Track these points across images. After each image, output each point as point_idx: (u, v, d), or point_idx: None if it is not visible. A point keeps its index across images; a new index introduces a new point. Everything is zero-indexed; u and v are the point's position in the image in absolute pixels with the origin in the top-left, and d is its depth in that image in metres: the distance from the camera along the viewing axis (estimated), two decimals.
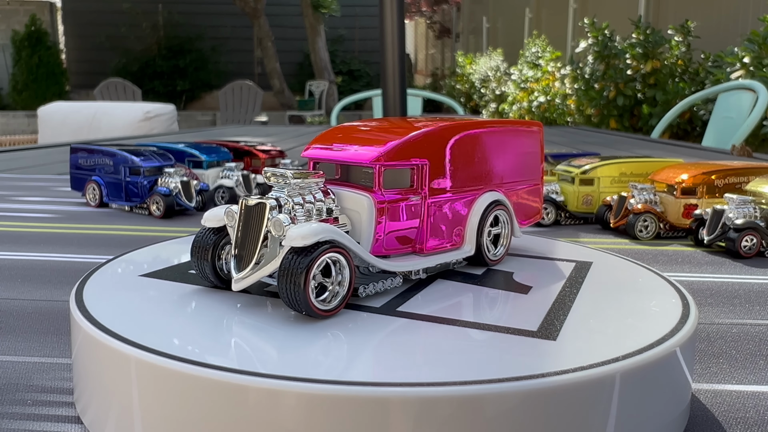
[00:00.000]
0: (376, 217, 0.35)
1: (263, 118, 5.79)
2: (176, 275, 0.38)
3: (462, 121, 0.41)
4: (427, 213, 0.37)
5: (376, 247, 0.35)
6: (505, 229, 0.43)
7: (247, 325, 0.31)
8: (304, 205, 0.33)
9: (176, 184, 0.81)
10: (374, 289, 0.34)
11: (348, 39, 8.94)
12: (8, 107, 7.86)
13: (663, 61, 3.48)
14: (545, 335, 0.29)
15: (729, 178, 0.72)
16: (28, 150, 1.83)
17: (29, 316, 0.45)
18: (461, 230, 0.40)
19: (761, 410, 0.33)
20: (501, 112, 5.78)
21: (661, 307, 0.33)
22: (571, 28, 6.07)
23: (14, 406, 0.32)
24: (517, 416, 0.24)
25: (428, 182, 0.37)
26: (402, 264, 0.36)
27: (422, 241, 0.37)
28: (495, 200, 0.41)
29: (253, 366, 0.25)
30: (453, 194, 0.39)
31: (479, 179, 0.41)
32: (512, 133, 0.44)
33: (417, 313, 0.32)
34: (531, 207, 0.46)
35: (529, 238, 0.50)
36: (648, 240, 0.71)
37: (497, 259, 0.42)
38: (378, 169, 0.35)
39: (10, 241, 0.67)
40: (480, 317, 0.32)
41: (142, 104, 3.23)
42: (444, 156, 0.38)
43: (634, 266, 0.42)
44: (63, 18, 8.84)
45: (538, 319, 0.31)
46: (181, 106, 7.89)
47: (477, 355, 0.27)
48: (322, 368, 0.26)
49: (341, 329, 0.30)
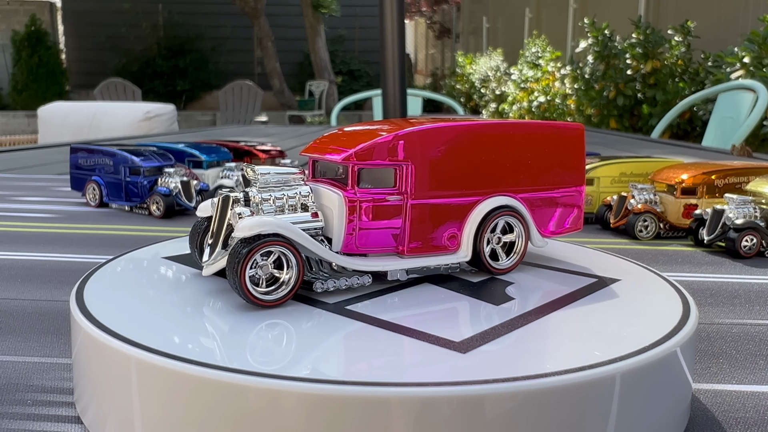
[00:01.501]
0: (346, 214, 0.35)
1: (263, 118, 5.79)
2: (176, 275, 0.38)
3: (472, 123, 0.39)
4: (410, 214, 0.36)
5: (348, 244, 0.36)
6: (520, 238, 0.40)
7: (247, 325, 0.31)
8: (275, 200, 0.35)
9: (176, 184, 0.81)
10: (333, 286, 0.35)
11: (348, 39, 8.94)
12: (8, 107, 7.86)
13: (663, 61, 3.48)
14: (461, 349, 0.28)
15: (729, 178, 0.72)
16: (28, 150, 1.83)
17: (29, 316, 0.45)
18: (457, 234, 0.38)
19: (761, 410, 0.33)
20: (501, 112, 5.78)
21: (662, 307, 0.33)
22: (571, 28, 6.07)
23: (14, 406, 0.32)
24: (517, 417, 0.24)
25: (412, 183, 0.36)
26: (370, 264, 0.36)
27: (404, 243, 0.37)
28: (502, 205, 0.39)
29: (253, 366, 0.25)
30: (445, 197, 0.37)
31: (484, 182, 0.39)
32: (537, 136, 0.41)
33: (361, 314, 0.32)
34: (565, 215, 0.42)
35: (570, 247, 0.47)
36: (648, 240, 0.71)
37: (504, 268, 0.40)
38: (351, 168, 0.35)
39: (10, 241, 0.67)
40: (422, 325, 0.30)
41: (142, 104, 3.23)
42: (434, 157, 0.37)
43: (634, 266, 0.42)
44: (63, 18, 8.84)
45: (467, 334, 0.29)
46: (181, 106, 7.88)
47: (383, 358, 0.27)
48: (324, 369, 0.26)
49: (289, 320, 0.31)
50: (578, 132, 0.43)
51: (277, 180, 0.35)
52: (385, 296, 0.35)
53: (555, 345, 0.29)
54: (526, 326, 0.31)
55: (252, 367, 0.25)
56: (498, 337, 0.29)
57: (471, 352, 0.27)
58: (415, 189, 0.36)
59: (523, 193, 0.40)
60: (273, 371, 0.25)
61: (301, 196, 0.35)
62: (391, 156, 0.36)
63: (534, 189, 0.41)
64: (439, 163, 0.37)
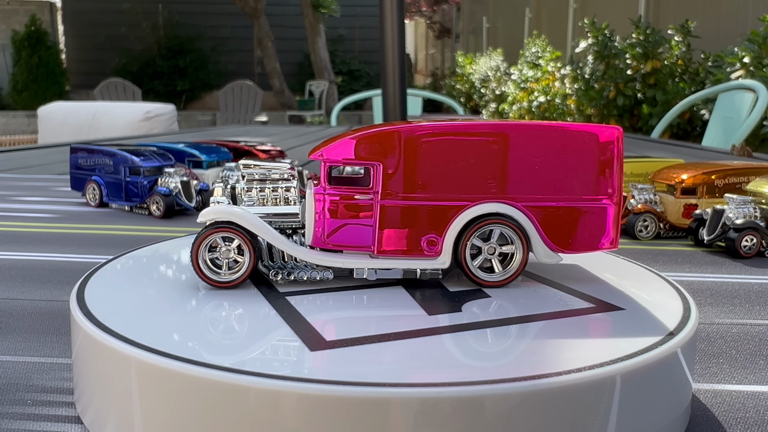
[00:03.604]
0: (315, 209, 0.37)
1: (263, 118, 5.78)
2: (176, 275, 0.38)
3: (466, 124, 0.37)
4: (380, 214, 0.36)
5: (317, 238, 0.37)
6: (519, 250, 0.37)
7: (247, 325, 0.31)
8: (258, 192, 0.38)
9: (176, 184, 0.81)
10: (291, 277, 0.36)
11: (348, 39, 8.93)
12: (8, 107, 7.85)
13: (663, 61, 3.48)
14: (313, 347, 0.28)
15: (729, 178, 0.72)
16: (28, 150, 1.83)
17: (29, 316, 0.45)
18: (437, 240, 0.37)
19: (761, 410, 0.33)
20: (501, 112, 5.78)
21: (662, 308, 0.33)
22: (571, 28, 6.07)
23: (14, 406, 0.32)
24: (517, 417, 0.24)
25: (383, 183, 0.36)
26: (328, 259, 0.36)
27: (374, 242, 0.36)
28: (492, 213, 0.36)
29: (254, 366, 0.25)
30: (425, 199, 0.36)
31: (475, 187, 0.36)
32: (552, 140, 0.37)
33: (290, 305, 0.33)
34: (590, 230, 0.37)
35: (612, 260, 0.43)
36: (648, 240, 0.71)
37: (493, 281, 0.37)
38: (323, 165, 0.37)
39: (10, 241, 0.67)
40: (322, 325, 0.30)
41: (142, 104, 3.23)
42: (411, 158, 0.36)
43: (634, 266, 0.42)
44: (63, 18, 8.84)
45: (336, 337, 0.29)
46: (181, 106, 7.88)
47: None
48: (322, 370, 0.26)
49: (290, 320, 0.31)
50: (612, 137, 0.37)
51: (262, 174, 0.39)
52: (343, 293, 0.36)
53: (555, 345, 0.29)
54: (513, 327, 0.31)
55: (252, 367, 0.25)
56: (363, 344, 0.28)
57: (318, 351, 0.27)
58: (386, 189, 0.36)
59: (529, 202, 0.37)
60: (273, 371, 0.25)
61: (284, 190, 0.38)
62: (361, 155, 0.36)
63: (546, 198, 0.37)
64: (419, 165, 0.36)
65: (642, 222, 0.71)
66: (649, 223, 0.71)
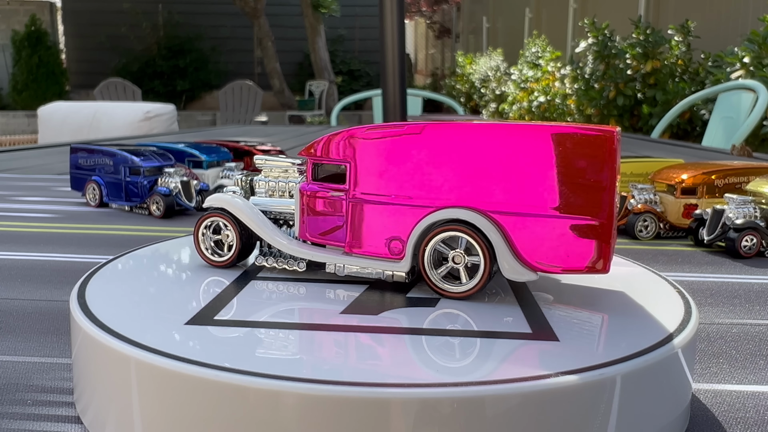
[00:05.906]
0: (300, 203, 0.39)
1: (263, 118, 5.78)
2: (176, 275, 0.38)
3: (444, 126, 0.35)
4: (350, 213, 0.37)
5: (301, 231, 0.39)
6: (484, 262, 0.34)
7: (247, 325, 0.31)
8: (267, 184, 0.41)
9: (176, 184, 0.81)
10: (269, 263, 0.39)
11: (348, 39, 8.93)
12: (8, 107, 7.85)
13: (663, 61, 3.48)
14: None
15: (729, 178, 0.72)
16: (28, 150, 1.83)
17: (29, 316, 0.45)
18: (402, 243, 0.35)
19: (761, 410, 0.33)
20: (501, 112, 5.78)
21: (662, 308, 0.33)
22: (571, 28, 6.07)
23: (14, 406, 0.32)
24: (517, 418, 0.24)
25: (353, 182, 0.37)
26: (300, 250, 0.38)
27: (344, 240, 0.37)
28: (453, 219, 0.34)
29: (254, 366, 0.25)
30: (391, 201, 0.35)
31: (440, 192, 0.34)
32: (536, 145, 0.33)
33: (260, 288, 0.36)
34: (576, 248, 0.33)
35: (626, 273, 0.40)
36: (648, 240, 0.71)
37: (453, 292, 0.34)
38: (308, 162, 0.38)
39: (10, 241, 0.67)
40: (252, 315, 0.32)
41: (142, 104, 3.23)
42: (381, 158, 0.36)
43: (634, 266, 0.42)
44: (63, 18, 8.84)
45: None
46: (181, 106, 7.88)
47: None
48: (322, 369, 0.26)
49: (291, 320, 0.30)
50: (606, 141, 0.32)
51: (272, 169, 0.42)
52: (309, 285, 0.37)
53: (554, 346, 0.29)
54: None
55: (252, 367, 0.25)
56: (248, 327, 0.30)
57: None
58: (355, 187, 0.37)
59: (502, 212, 0.33)
60: (273, 371, 0.25)
61: (288, 184, 0.41)
62: (332, 154, 0.37)
63: (523, 209, 0.33)
64: (389, 165, 0.35)
65: (642, 222, 0.71)
66: (649, 223, 0.71)
